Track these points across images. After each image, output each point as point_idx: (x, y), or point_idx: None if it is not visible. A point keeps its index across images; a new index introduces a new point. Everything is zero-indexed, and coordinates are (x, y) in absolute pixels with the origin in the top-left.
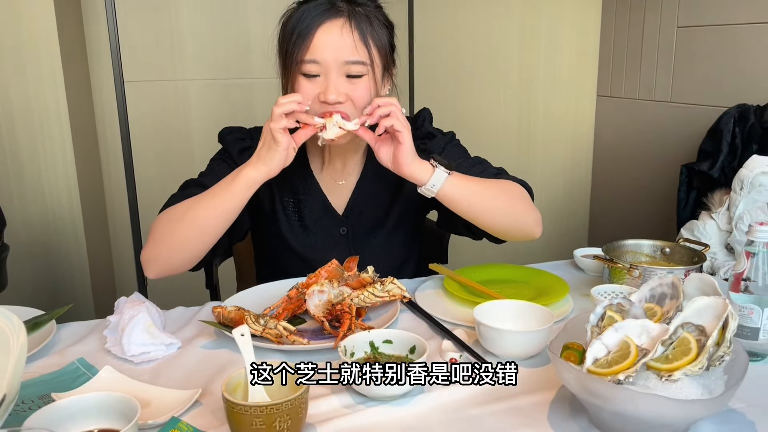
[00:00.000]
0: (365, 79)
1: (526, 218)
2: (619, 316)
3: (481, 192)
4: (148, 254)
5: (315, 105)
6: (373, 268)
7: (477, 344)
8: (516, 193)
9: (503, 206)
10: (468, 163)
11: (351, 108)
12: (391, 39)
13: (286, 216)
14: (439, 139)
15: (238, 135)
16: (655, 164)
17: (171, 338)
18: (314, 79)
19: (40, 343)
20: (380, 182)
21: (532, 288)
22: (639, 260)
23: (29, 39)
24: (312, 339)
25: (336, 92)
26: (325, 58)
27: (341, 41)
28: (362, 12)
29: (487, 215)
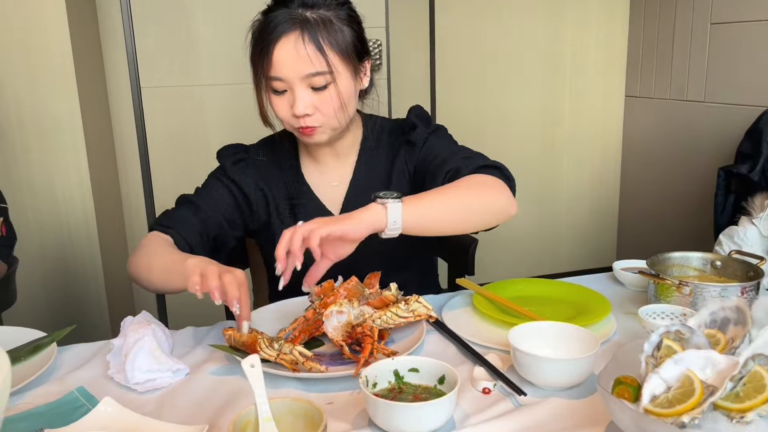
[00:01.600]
0: (330, 88)
1: (496, 203)
2: (678, 345)
3: (445, 204)
4: (130, 267)
5: (290, 119)
6: (396, 285)
7: (512, 370)
8: (478, 184)
9: (473, 207)
10: (444, 153)
11: (321, 119)
12: (358, 34)
13: (281, 222)
14: (421, 129)
15: (234, 150)
16: (688, 167)
17: (178, 364)
18: (283, 95)
19: (40, 369)
20: (374, 179)
21: (570, 306)
22: (687, 274)
23: (42, 47)
24: (330, 365)
25: (303, 106)
26: (286, 74)
27: (297, 56)
28: (317, 18)
29: (459, 223)
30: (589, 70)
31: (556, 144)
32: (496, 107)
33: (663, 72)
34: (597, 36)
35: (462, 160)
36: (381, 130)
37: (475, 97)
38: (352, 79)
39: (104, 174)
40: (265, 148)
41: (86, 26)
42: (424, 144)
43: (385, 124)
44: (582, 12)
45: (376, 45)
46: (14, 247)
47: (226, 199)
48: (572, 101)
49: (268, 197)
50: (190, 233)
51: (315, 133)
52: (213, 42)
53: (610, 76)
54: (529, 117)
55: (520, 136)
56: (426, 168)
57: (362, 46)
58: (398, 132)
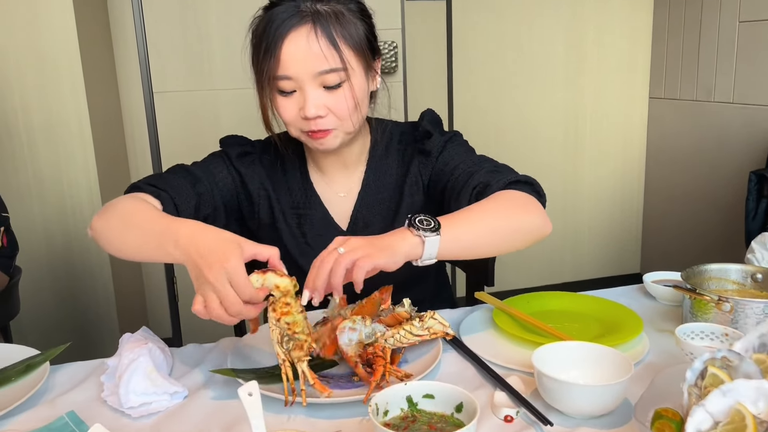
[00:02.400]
0: (344, 86)
1: (531, 224)
2: (725, 373)
3: (481, 228)
4: (96, 223)
5: (298, 122)
6: (409, 301)
7: (537, 395)
8: (510, 203)
9: (508, 229)
10: (465, 165)
11: (334, 121)
12: (370, 30)
13: (288, 227)
14: (437, 138)
15: (239, 141)
16: (716, 171)
17: (175, 386)
18: (291, 96)
19: (31, 390)
20: (383, 190)
21: (598, 322)
22: (725, 288)
23: (50, 53)
24: (340, 387)
25: (315, 107)
26: (297, 72)
27: (309, 51)
28: (329, 10)
29: (494, 246)
30: (612, 71)
31: (578, 147)
32: (516, 110)
33: (689, 72)
34: (620, 35)
35: (489, 174)
36: (390, 137)
37: (495, 99)
38: (365, 78)
39: (115, 180)
40: (271, 149)
41: (97, 32)
42: (440, 154)
43: (395, 130)
44: (604, 10)
45: (391, 47)
46: (15, 257)
47: (228, 183)
48: (594, 103)
49: (273, 200)
50: (185, 204)
51: (327, 138)
52: (225, 46)
53: (634, 77)
54: (549, 120)
55: (541, 139)
56: (444, 180)
57: (374, 43)
58: (410, 139)
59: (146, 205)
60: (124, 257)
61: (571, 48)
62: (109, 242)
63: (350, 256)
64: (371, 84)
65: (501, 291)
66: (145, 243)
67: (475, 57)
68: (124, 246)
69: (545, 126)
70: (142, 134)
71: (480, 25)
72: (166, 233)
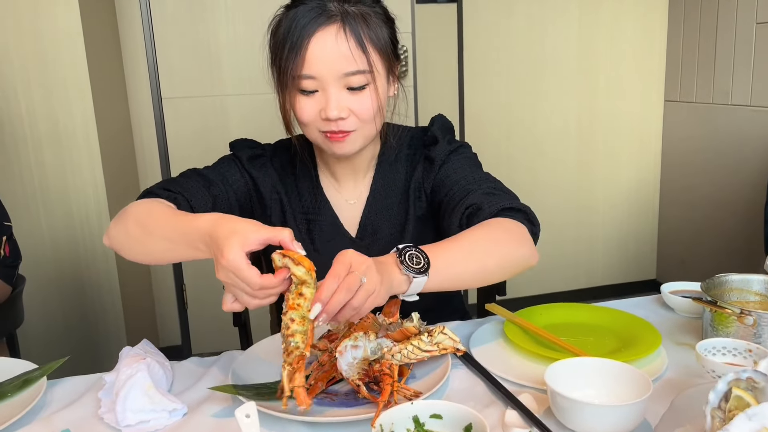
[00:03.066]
0: (368, 89)
1: (521, 256)
2: (750, 396)
3: (467, 262)
4: (112, 230)
5: (318, 122)
6: (418, 315)
7: (550, 413)
8: (498, 235)
9: (489, 258)
10: (465, 182)
11: (355, 122)
12: (393, 35)
13: (298, 232)
14: (442, 146)
15: (249, 144)
16: (734, 176)
17: (175, 403)
18: (313, 95)
19: (27, 406)
20: (391, 195)
21: (614, 336)
22: (747, 300)
23: (56, 59)
24: (344, 405)
25: (337, 108)
26: (322, 72)
27: (337, 51)
28: (357, 12)
29: (479, 278)
30: (626, 74)
31: (592, 151)
32: (528, 114)
33: (705, 74)
34: (633, 38)
35: (484, 196)
36: (400, 142)
37: (506, 103)
38: (386, 83)
39: (123, 188)
40: (282, 153)
41: (105, 38)
42: (443, 164)
43: (404, 135)
44: (618, 12)
45: (402, 51)
46: (18, 267)
47: (241, 186)
48: (608, 106)
49: (284, 204)
50: (201, 206)
51: (347, 142)
52: (233, 52)
53: (649, 80)
54: (563, 123)
55: (554, 143)
56: (443, 193)
57: (396, 47)
58: (418, 143)
59: (163, 206)
60: (148, 262)
61: (584, 51)
62: (130, 248)
63: (368, 293)
64: (391, 89)
65: (514, 298)
66: (172, 245)
67: (487, 60)
68: (148, 250)
69: (558, 130)
70: (151, 141)
71: (491, 28)
72: (191, 232)
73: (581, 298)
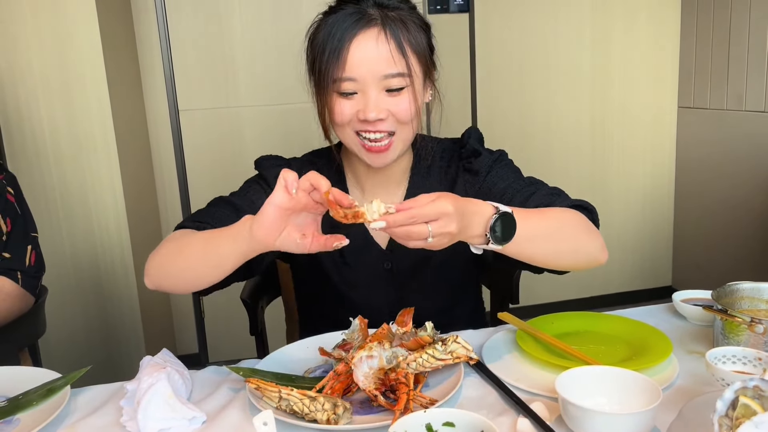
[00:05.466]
0: (406, 91)
1: (592, 247)
2: (757, 404)
3: (546, 231)
4: (149, 267)
5: (354, 124)
6: (432, 324)
7: (561, 422)
8: (579, 222)
9: (569, 242)
10: (518, 185)
11: (393, 123)
12: (429, 41)
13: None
14: (485, 157)
15: (276, 161)
16: (749, 182)
17: (194, 411)
18: (351, 97)
19: (52, 414)
20: None
21: (626, 344)
22: (758, 308)
23: (76, 70)
24: (360, 413)
25: (376, 109)
26: (362, 74)
27: (377, 54)
28: (396, 17)
29: (554, 256)
30: (639, 80)
31: (605, 158)
32: (542, 120)
33: (718, 81)
34: (647, 44)
35: (549, 196)
36: (432, 153)
37: (519, 110)
38: (422, 89)
39: (141, 200)
40: (311, 166)
41: (123, 51)
42: (488, 174)
43: (437, 147)
44: (630, 19)
45: None
46: (41, 277)
47: None
48: (621, 112)
49: None
50: None
51: (387, 153)
52: (249, 64)
53: (662, 86)
54: (575, 130)
55: (567, 150)
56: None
57: (433, 54)
58: (453, 156)
59: (194, 232)
60: (188, 282)
61: (597, 59)
62: (168, 273)
63: (425, 245)
64: (426, 94)
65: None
66: (211, 243)
67: (499, 68)
68: (187, 264)
69: (572, 136)
70: (168, 152)
71: (503, 36)
72: (230, 229)
73: (595, 306)
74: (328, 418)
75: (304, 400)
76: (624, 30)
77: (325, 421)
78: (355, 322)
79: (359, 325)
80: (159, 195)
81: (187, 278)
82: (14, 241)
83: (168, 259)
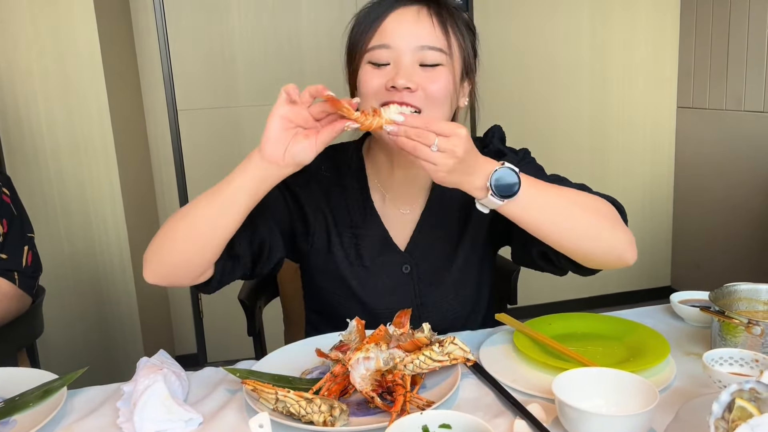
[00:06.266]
0: (443, 69)
1: (617, 239)
2: (753, 406)
3: (561, 203)
4: (148, 252)
5: (380, 95)
6: (429, 325)
7: (558, 423)
8: (601, 207)
9: (588, 223)
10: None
11: (422, 99)
12: (474, 44)
13: (344, 252)
14: (510, 157)
15: None
16: (748, 182)
17: (190, 412)
18: (383, 68)
19: (48, 415)
20: (449, 210)
21: (623, 345)
22: (755, 309)
23: (75, 72)
24: (357, 414)
25: (407, 77)
26: (397, 42)
27: (417, 25)
28: (444, 3)
29: (568, 234)
30: (639, 80)
31: (605, 158)
32: (541, 122)
33: (718, 81)
34: (646, 44)
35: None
36: None
37: (519, 110)
38: (459, 83)
39: (140, 200)
40: (328, 162)
41: (121, 51)
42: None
43: None
44: (630, 19)
45: None
46: (39, 278)
47: (280, 206)
48: (621, 112)
49: (329, 222)
50: (240, 233)
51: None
52: (249, 64)
53: (661, 86)
54: (575, 129)
55: (566, 149)
56: None
57: (476, 59)
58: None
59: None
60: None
61: (597, 59)
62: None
63: (434, 160)
64: (462, 98)
65: (526, 306)
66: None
67: (498, 68)
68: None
69: (571, 135)
70: (167, 152)
71: (502, 35)
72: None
73: (594, 306)
74: (324, 420)
75: (300, 401)
76: (623, 30)
77: (322, 423)
78: (352, 323)
79: (356, 327)
80: (157, 195)
81: (196, 239)
82: (11, 242)
83: (170, 231)
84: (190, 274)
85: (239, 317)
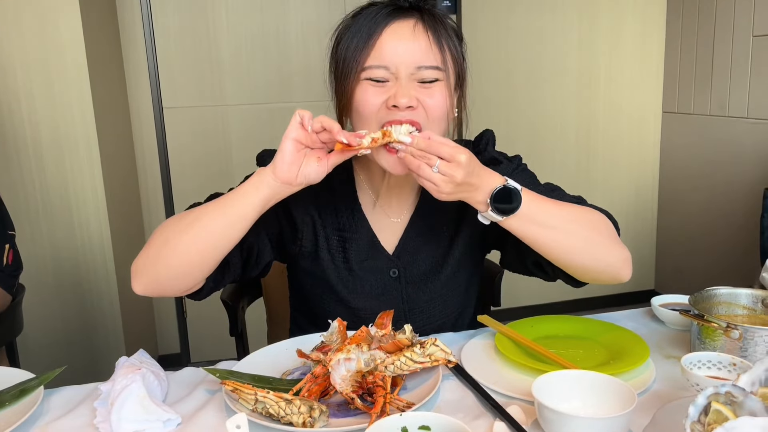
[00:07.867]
0: (440, 84)
1: (613, 257)
2: (729, 410)
3: (561, 220)
4: (139, 263)
5: (381, 113)
6: (410, 327)
7: (537, 425)
8: (599, 223)
9: (586, 241)
10: (539, 191)
11: (423, 116)
12: (464, 52)
13: (330, 256)
14: (505, 165)
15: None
16: (731, 187)
17: (168, 413)
18: (383, 85)
19: (24, 415)
20: (438, 216)
21: (604, 348)
22: (735, 313)
23: (58, 68)
24: (337, 416)
25: (408, 96)
26: (395, 62)
27: (413, 43)
28: (434, 14)
29: (563, 248)
30: (624, 85)
31: (590, 162)
32: (526, 125)
33: (702, 86)
34: (632, 49)
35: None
36: None
37: (505, 114)
38: (452, 95)
39: (123, 198)
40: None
41: (107, 47)
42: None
43: None
44: (616, 24)
45: None
46: (19, 276)
47: (267, 211)
48: (606, 117)
49: (317, 225)
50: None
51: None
52: (235, 63)
53: (647, 91)
54: (561, 134)
55: (552, 153)
56: None
57: (464, 67)
58: None
59: (192, 210)
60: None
61: (583, 63)
62: (167, 261)
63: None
64: (453, 108)
65: (510, 308)
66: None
67: (484, 71)
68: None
69: (557, 141)
70: (152, 150)
71: (490, 38)
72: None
73: (579, 309)
74: (303, 421)
75: (280, 402)
76: (610, 36)
77: (301, 424)
78: (333, 324)
79: (338, 328)
80: (142, 193)
81: (201, 250)
82: None
83: (168, 242)
84: (185, 285)
85: (223, 318)
